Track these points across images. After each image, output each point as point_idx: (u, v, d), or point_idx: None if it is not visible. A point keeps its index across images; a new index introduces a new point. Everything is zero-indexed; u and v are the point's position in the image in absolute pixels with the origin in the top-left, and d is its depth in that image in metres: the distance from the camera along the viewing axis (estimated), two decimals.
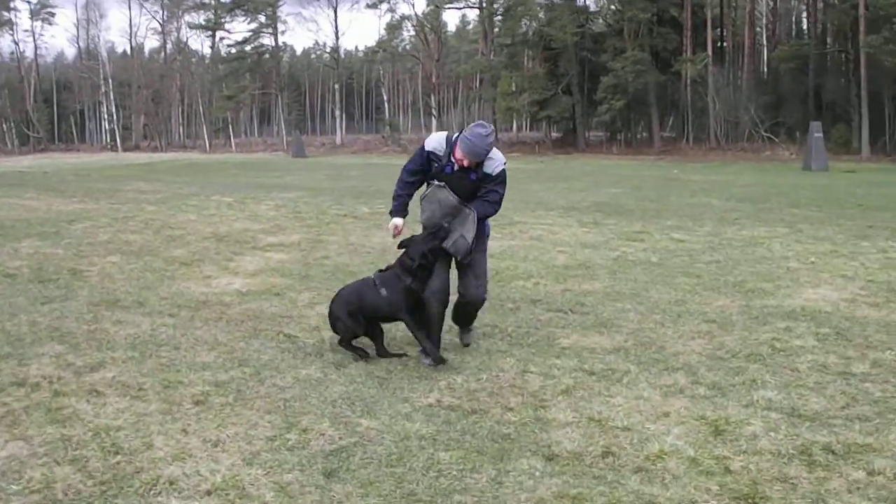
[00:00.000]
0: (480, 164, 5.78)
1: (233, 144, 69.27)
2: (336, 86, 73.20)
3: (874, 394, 5.19)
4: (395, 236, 6.17)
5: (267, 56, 70.91)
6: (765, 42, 63.67)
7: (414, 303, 5.89)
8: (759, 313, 7.29)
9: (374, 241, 11.46)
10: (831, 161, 37.43)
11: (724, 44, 59.30)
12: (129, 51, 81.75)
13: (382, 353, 6.05)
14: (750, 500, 3.74)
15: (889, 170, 37.20)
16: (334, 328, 6.11)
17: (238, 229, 13.01)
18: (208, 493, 3.83)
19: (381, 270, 6.14)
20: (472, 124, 5.77)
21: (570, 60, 53.34)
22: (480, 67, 60.46)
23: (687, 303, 7.71)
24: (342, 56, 78.45)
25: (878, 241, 11.70)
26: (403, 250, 6.00)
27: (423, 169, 5.99)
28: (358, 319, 5.94)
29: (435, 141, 5.97)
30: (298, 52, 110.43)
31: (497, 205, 5.91)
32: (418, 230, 6.07)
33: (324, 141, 71.08)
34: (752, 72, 56.40)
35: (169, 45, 77.94)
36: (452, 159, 5.80)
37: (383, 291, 5.89)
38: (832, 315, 7.23)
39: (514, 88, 54.69)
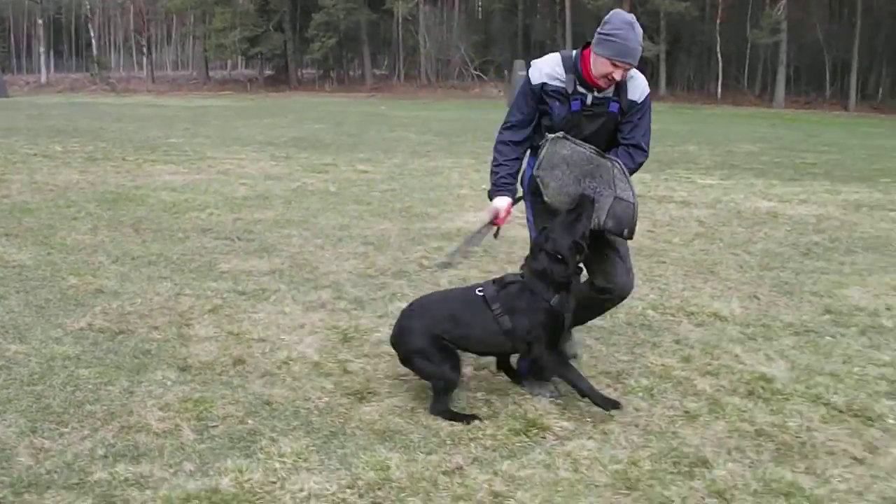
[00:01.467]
0: (623, 88, 4.03)
1: None
2: (40, 21, 67.84)
3: None
4: (497, 224, 4.25)
5: None
6: None
7: (559, 330, 3.98)
8: (416, 235, 7.81)
9: (59, 180, 10.99)
10: None
11: None
12: None
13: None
14: (359, 395, 4.11)
15: None
16: (409, 364, 4.06)
17: None
18: None
19: (494, 281, 4.09)
20: (609, 14, 3.98)
21: None
22: (191, 3, 58.21)
23: (351, 227, 8.09)
24: None
25: None
26: (534, 252, 4.02)
27: (533, 117, 4.17)
28: (454, 358, 3.95)
29: (546, 67, 4.06)
30: None
31: (645, 150, 4.14)
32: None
33: (29, 80, 65.86)
34: (464, 11, 58.25)
35: None
36: (580, 88, 4.03)
37: (506, 321, 3.90)
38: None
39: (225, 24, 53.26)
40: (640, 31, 3.89)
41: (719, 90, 51.11)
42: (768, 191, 11.37)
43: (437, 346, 3.88)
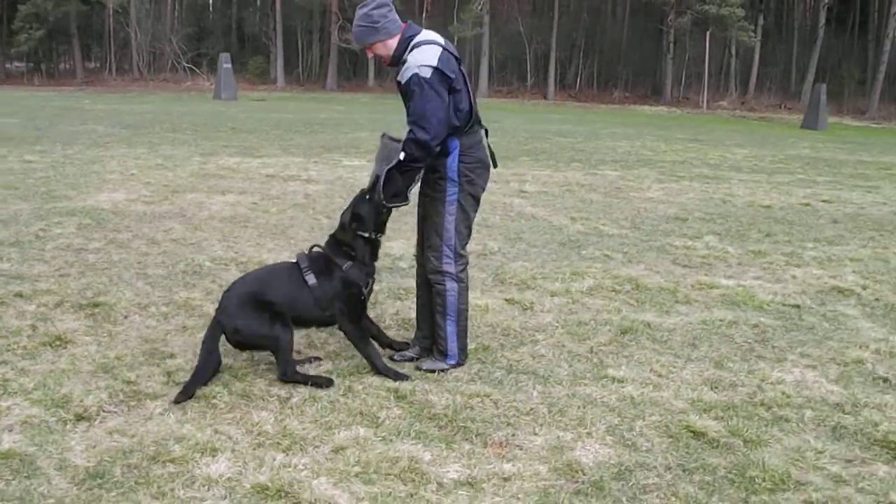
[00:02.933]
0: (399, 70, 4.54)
1: None
2: None
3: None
4: None
5: None
6: None
7: (356, 300, 4.65)
8: (45, 213, 8.97)
9: None
10: (248, 90, 40.87)
11: None
12: None
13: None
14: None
15: (297, 98, 41.51)
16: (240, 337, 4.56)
17: None
18: None
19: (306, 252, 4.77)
20: None
21: None
22: None
23: None
24: None
25: (218, 155, 14.21)
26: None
27: None
28: (280, 318, 4.50)
29: None
30: None
31: (414, 129, 4.39)
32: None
33: None
34: (176, 4, 57.88)
35: None
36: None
37: (311, 278, 4.57)
38: (104, 211, 9.18)
39: None
40: (366, 10, 4.43)
41: None
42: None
43: (258, 310, 4.44)
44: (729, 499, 3.52)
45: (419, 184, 4.64)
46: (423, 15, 51.54)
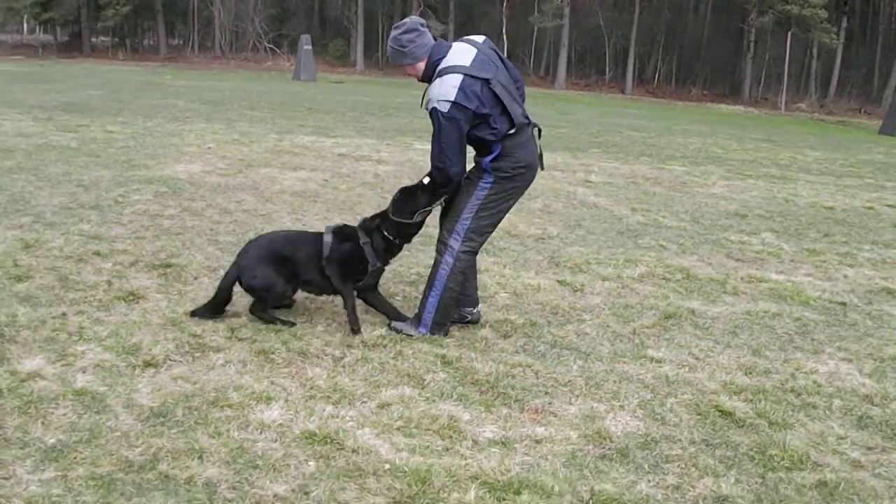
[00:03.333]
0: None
1: None
2: None
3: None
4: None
5: None
6: None
7: (355, 266, 5.15)
8: (124, 180, 9.45)
9: None
10: (326, 73, 41.46)
11: None
12: None
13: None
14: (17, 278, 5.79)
15: (375, 81, 42.06)
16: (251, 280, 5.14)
17: None
18: None
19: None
20: None
21: None
22: None
23: (73, 174, 9.60)
24: None
25: (293, 133, 14.65)
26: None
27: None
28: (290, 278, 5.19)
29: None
30: None
31: (435, 160, 4.76)
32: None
33: None
34: None
35: None
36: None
37: (329, 243, 5.15)
38: (180, 181, 9.62)
39: None
40: (396, 34, 4.68)
41: None
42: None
43: (276, 265, 5.01)
44: (746, 473, 3.71)
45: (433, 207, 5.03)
46: (504, 5, 51.60)
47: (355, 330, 5.00)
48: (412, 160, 12.66)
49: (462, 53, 4.66)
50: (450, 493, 3.32)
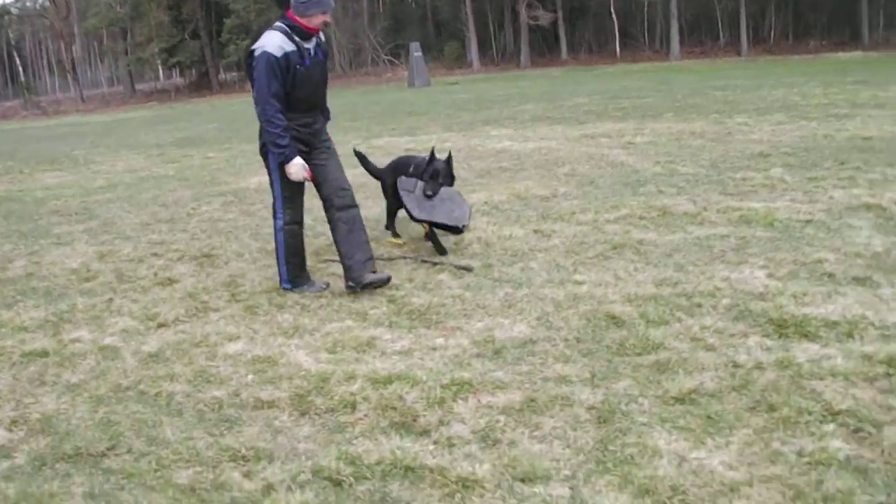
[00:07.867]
0: (319, 39, 5.76)
1: None
2: None
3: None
4: (308, 178, 5.92)
5: None
6: None
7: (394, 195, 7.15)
8: (201, 195, 10.93)
9: None
10: (445, 76, 43.04)
11: None
12: None
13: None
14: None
15: (490, 78, 43.19)
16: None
17: None
18: None
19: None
20: None
21: (194, 5, 55.25)
22: (105, 22, 60.79)
23: (160, 197, 11.14)
24: None
25: (379, 137, 15.98)
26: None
27: (285, 81, 5.49)
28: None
29: (277, 41, 5.47)
30: None
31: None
32: None
33: None
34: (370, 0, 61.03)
35: None
36: (306, 45, 5.55)
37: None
38: (248, 190, 10.98)
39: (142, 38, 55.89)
40: None
41: (618, 49, 54.25)
42: (519, 133, 14.57)
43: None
44: (597, 359, 4.46)
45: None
46: None
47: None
48: (480, 145, 13.60)
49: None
50: (340, 386, 4.37)
